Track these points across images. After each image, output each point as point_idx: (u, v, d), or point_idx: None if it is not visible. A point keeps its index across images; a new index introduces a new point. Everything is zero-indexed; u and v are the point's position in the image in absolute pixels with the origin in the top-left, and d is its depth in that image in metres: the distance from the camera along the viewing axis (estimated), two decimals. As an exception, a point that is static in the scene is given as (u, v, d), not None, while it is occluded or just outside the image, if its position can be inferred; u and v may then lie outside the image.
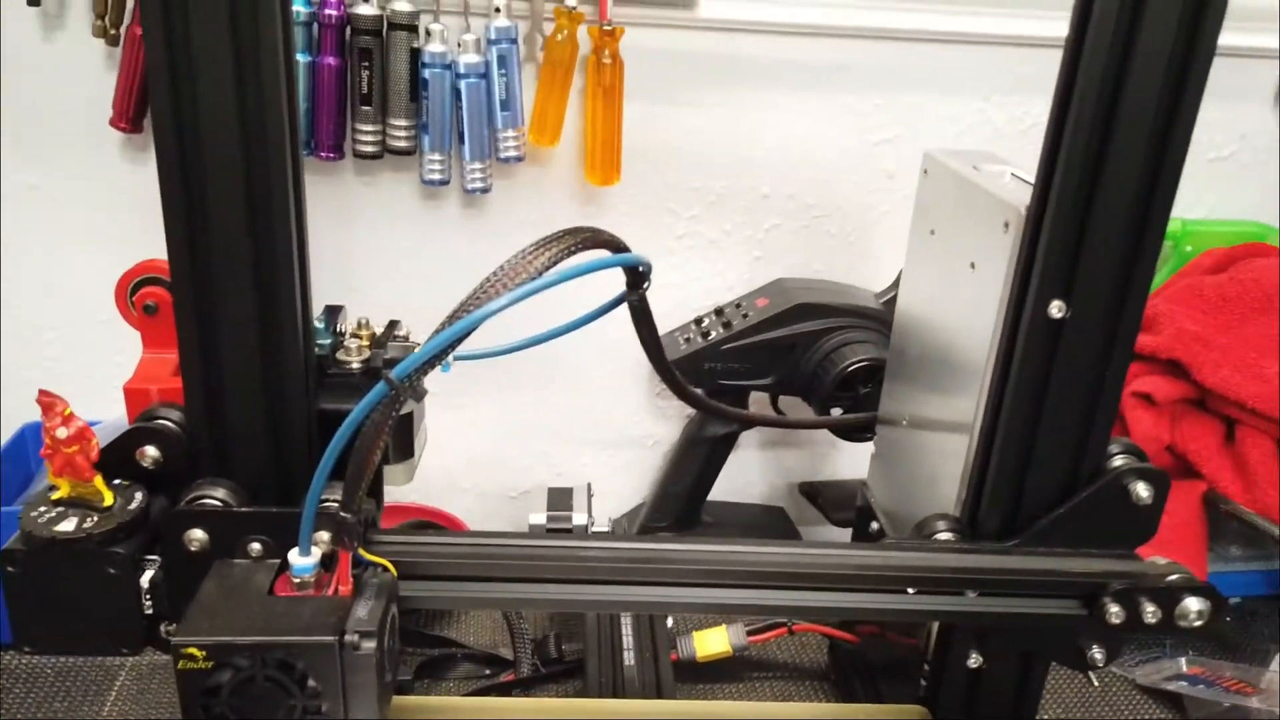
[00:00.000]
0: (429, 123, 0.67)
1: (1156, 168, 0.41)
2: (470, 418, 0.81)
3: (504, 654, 0.68)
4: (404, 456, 0.49)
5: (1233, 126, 0.79)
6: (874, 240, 0.79)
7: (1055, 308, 0.43)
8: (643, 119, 0.72)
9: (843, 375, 0.70)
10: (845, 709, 0.50)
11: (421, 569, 0.44)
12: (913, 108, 0.76)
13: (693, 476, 0.79)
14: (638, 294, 0.44)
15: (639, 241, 0.76)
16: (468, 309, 0.36)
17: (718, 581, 0.45)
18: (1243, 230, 0.80)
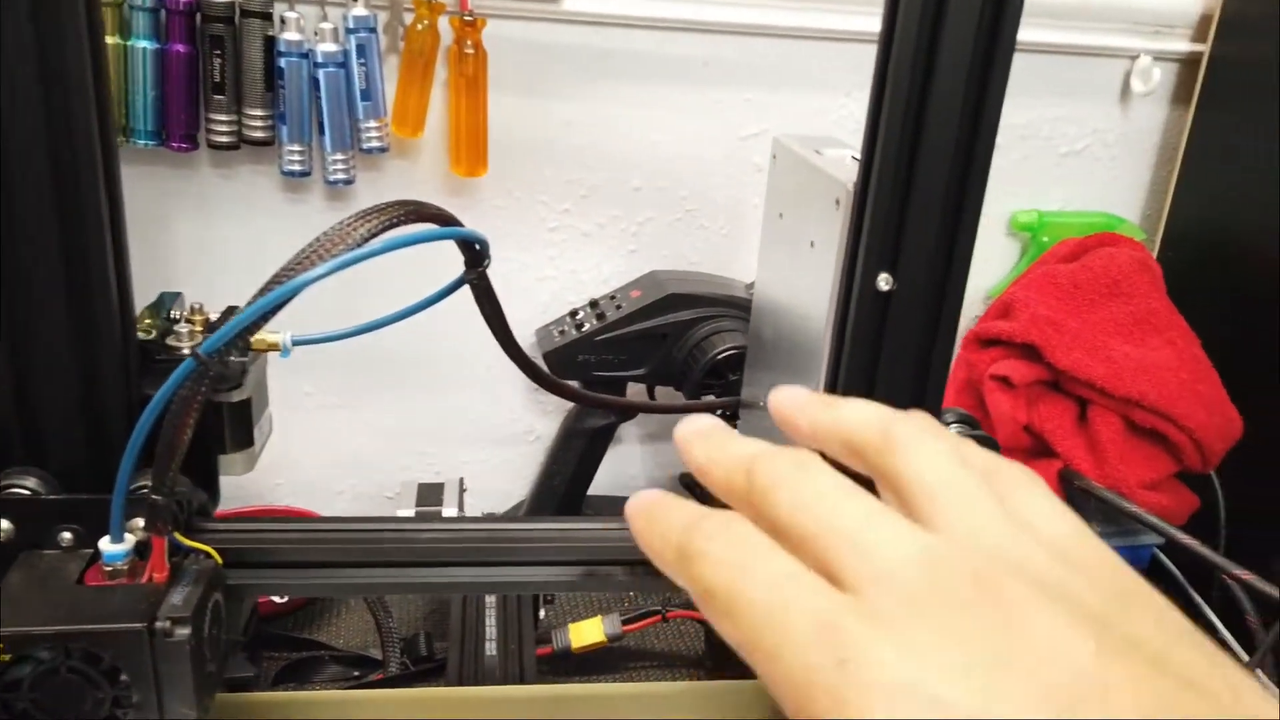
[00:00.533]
0: (287, 113, 0.66)
1: (970, 146, 0.42)
2: (344, 418, 0.80)
3: (374, 654, 0.67)
4: (242, 445, 0.47)
5: (1084, 122, 0.83)
6: (745, 232, 0.81)
7: (883, 280, 0.44)
8: (511, 111, 0.72)
9: (712, 363, 0.71)
10: (708, 685, 0.50)
11: (255, 556, 0.43)
12: (780, 103, 0.77)
13: (572, 469, 0.79)
14: (477, 273, 0.44)
15: (511, 234, 0.77)
16: (281, 279, 0.35)
17: (562, 559, 0.44)
18: (1095, 221, 0.84)
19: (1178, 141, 0.83)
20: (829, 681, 0.20)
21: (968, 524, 0.23)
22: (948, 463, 0.24)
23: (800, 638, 0.21)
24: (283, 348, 0.46)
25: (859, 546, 0.22)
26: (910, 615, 0.20)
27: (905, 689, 0.19)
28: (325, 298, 0.73)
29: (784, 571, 0.22)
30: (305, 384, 0.78)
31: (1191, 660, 0.21)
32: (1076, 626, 0.20)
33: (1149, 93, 0.82)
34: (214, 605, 0.39)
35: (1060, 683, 0.19)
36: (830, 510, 0.23)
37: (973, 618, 0.20)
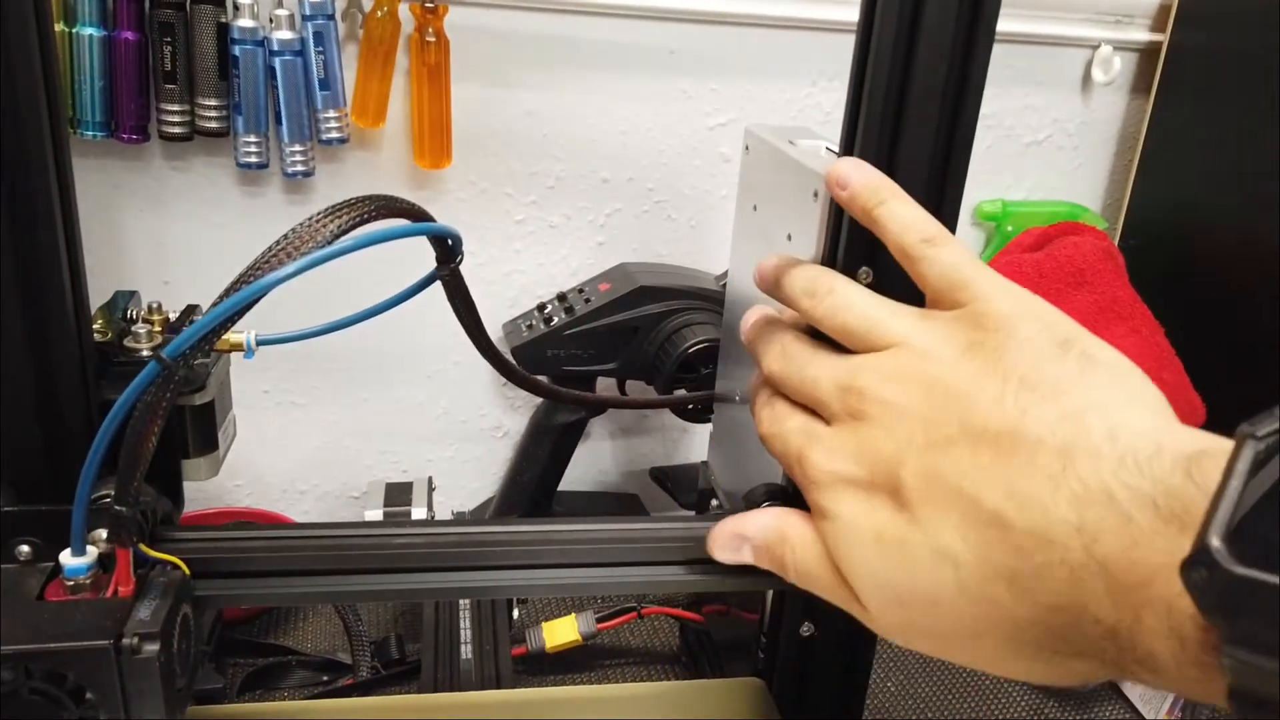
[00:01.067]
0: (242, 103, 0.64)
1: (950, 135, 0.42)
2: (307, 416, 0.78)
3: (342, 659, 0.65)
4: (206, 449, 0.46)
5: (1046, 111, 0.84)
6: (714, 224, 0.80)
7: (863, 274, 0.43)
8: (474, 101, 0.70)
9: (684, 356, 0.70)
10: (678, 686, 0.50)
11: (223, 565, 0.41)
12: (747, 92, 0.77)
13: (541, 466, 0.77)
14: (449, 269, 0.43)
15: (477, 226, 0.75)
16: (248, 279, 0.34)
17: (536, 562, 0.43)
18: (1059, 210, 0.85)
19: (1138, 131, 0.84)
20: (802, 486, 0.36)
21: (863, 343, 0.36)
22: (844, 310, 0.37)
23: (794, 466, 0.37)
24: (247, 348, 0.44)
25: (818, 401, 0.36)
26: (834, 431, 0.35)
27: (830, 479, 0.34)
28: (289, 295, 0.71)
29: (789, 427, 0.37)
30: (264, 383, 0.75)
31: (1025, 379, 0.31)
32: (922, 395, 0.33)
33: (1109, 82, 0.83)
34: (183, 618, 0.37)
35: (903, 434, 0.33)
36: (799, 385, 0.37)
37: (861, 420, 0.34)
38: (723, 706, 0.48)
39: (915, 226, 0.37)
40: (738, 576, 0.44)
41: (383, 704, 0.47)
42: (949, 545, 0.30)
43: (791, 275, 0.40)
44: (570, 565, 0.44)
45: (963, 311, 0.34)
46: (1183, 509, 0.25)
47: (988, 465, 0.30)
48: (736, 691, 0.49)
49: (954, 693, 0.67)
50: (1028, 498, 0.28)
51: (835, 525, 0.34)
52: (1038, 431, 0.29)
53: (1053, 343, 0.31)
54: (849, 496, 0.34)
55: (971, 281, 0.34)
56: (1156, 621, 0.25)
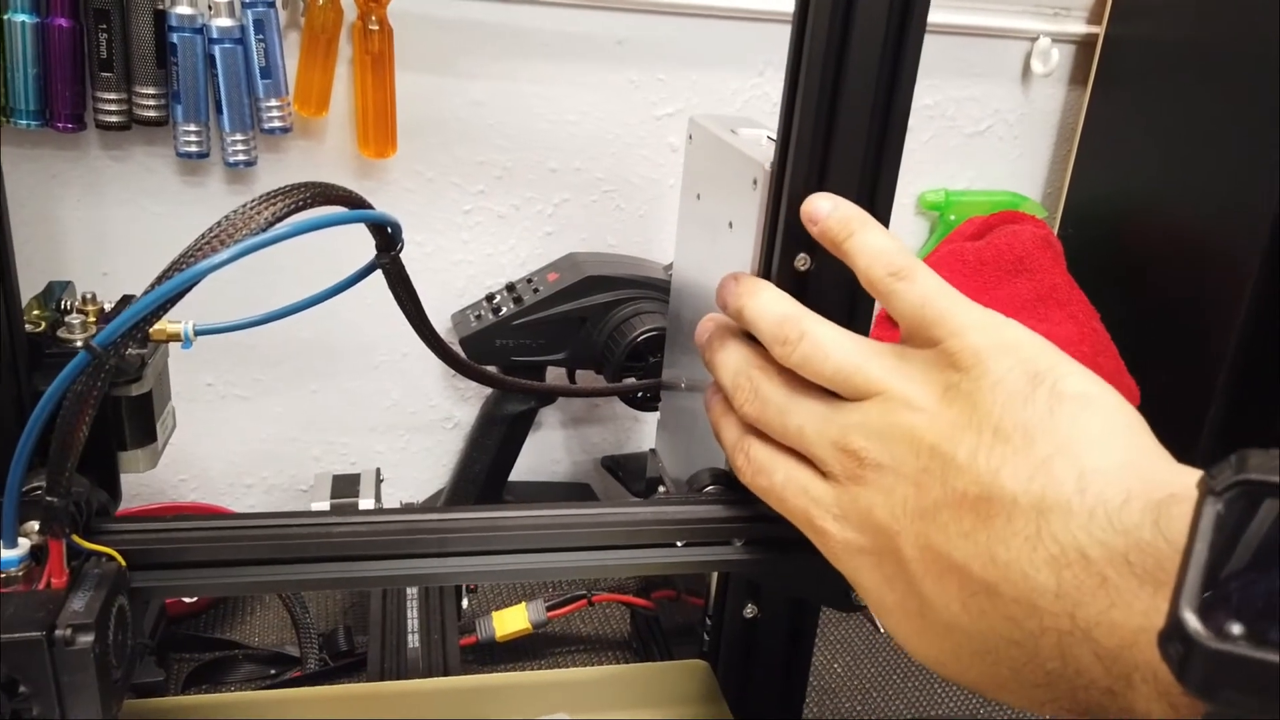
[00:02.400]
0: (181, 91, 0.63)
1: (884, 122, 0.42)
2: (252, 409, 0.77)
3: (290, 651, 0.65)
4: (144, 441, 0.45)
5: (987, 103, 0.85)
6: (663, 214, 0.80)
7: (801, 260, 0.44)
8: (420, 90, 0.70)
9: (632, 345, 0.71)
10: (622, 669, 0.50)
11: (161, 556, 0.41)
12: (694, 83, 0.77)
13: (491, 456, 0.77)
14: (389, 257, 0.43)
15: (424, 217, 0.75)
16: (181, 266, 0.33)
17: (483, 549, 0.44)
18: (999, 199, 0.86)
19: (1076, 121, 0.86)
20: (821, 550, 0.37)
21: (864, 393, 0.35)
22: (819, 361, 0.36)
23: (801, 526, 0.37)
24: (184, 338, 0.44)
25: (808, 454, 0.36)
26: (837, 496, 0.35)
27: (842, 547, 0.35)
28: (229, 285, 0.70)
29: (780, 482, 0.37)
30: (206, 375, 0.74)
31: (1000, 428, 0.31)
32: (911, 455, 0.33)
33: (1048, 74, 0.84)
34: (118, 610, 0.37)
35: (897, 500, 0.33)
36: (782, 434, 0.37)
37: (860, 484, 0.34)
38: (667, 689, 0.49)
39: (882, 259, 0.36)
40: (684, 558, 0.45)
41: (323, 694, 0.47)
42: (955, 617, 0.30)
43: (758, 311, 0.39)
44: (518, 551, 0.44)
45: (936, 351, 0.33)
46: (1155, 565, 0.25)
47: (971, 531, 0.29)
48: (681, 673, 0.50)
49: (900, 673, 0.68)
50: (1010, 564, 0.28)
51: (867, 597, 0.35)
52: (1012, 489, 0.29)
53: (1024, 379, 0.31)
54: (866, 567, 0.34)
55: (941, 318, 0.34)
56: (1146, 686, 0.25)
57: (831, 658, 0.69)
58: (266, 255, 0.75)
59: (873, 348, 0.36)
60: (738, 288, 0.40)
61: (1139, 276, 0.82)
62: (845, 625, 0.72)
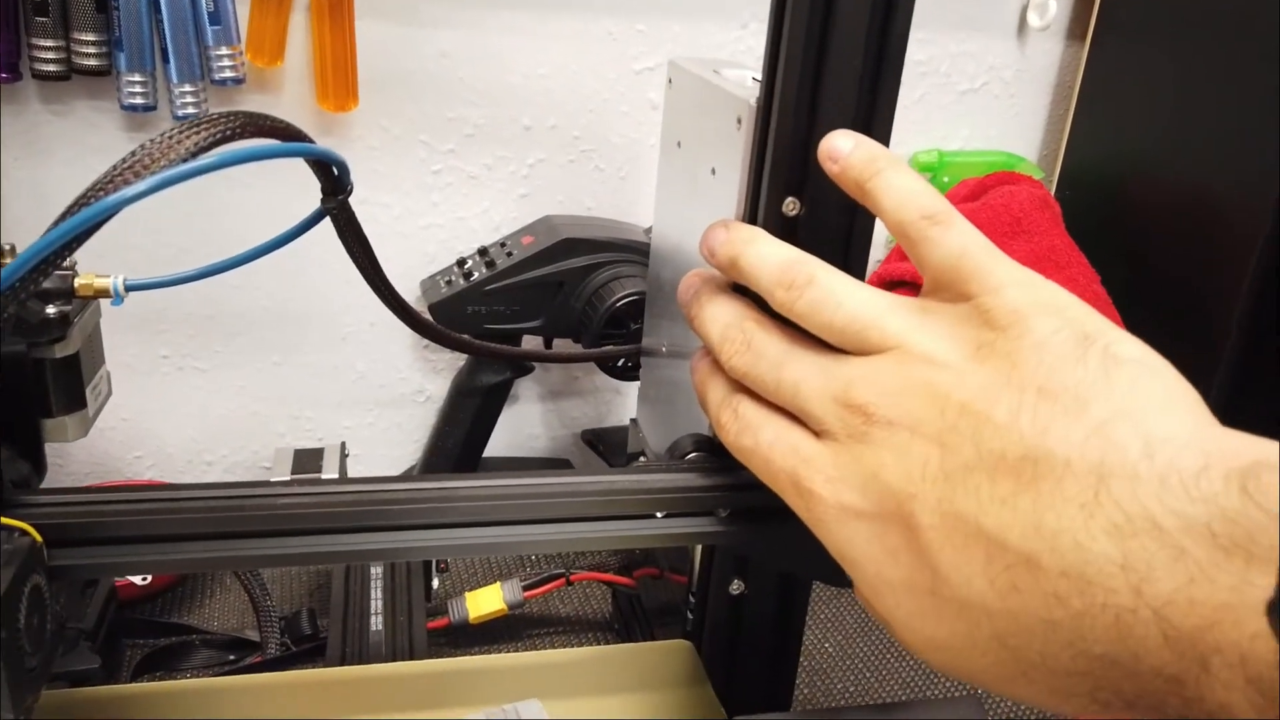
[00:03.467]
0: (123, 38, 0.59)
1: (880, 51, 0.39)
2: (211, 382, 0.73)
3: (250, 636, 0.61)
4: (72, 407, 0.41)
5: (982, 58, 0.82)
6: (645, 174, 0.77)
7: (789, 204, 0.40)
8: (383, 40, 0.66)
9: (611, 311, 0.67)
10: (601, 651, 0.47)
11: (88, 531, 0.37)
12: (675, 35, 0.73)
13: (465, 430, 0.74)
14: (336, 201, 0.39)
15: (390, 177, 0.71)
16: (88, 200, 0.29)
17: (451, 521, 0.40)
18: (994, 160, 0.83)
19: (1074, 78, 0.83)
20: (807, 519, 0.32)
21: (874, 348, 0.31)
22: (829, 310, 0.32)
23: (785, 493, 0.33)
24: (114, 293, 0.40)
25: (802, 411, 0.32)
26: (835, 454, 0.31)
27: (836, 512, 0.30)
28: (167, 243, 0.66)
29: (768, 441, 0.33)
30: (161, 346, 0.70)
31: (1043, 388, 0.27)
32: (932, 413, 0.28)
33: (1045, 27, 0.81)
34: (32, 590, 0.33)
35: (916, 461, 0.28)
36: (775, 389, 0.32)
37: (864, 443, 0.30)
38: (647, 671, 0.46)
39: (916, 201, 0.32)
40: (668, 529, 0.42)
41: (273, 680, 0.43)
42: (978, 595, 0.26)
43: (757, 258, 0.34)
44: (489, 524, 0.41)
45: (968, 306, 0.29)
46: (1246, 536, 0.22)
47: (1009, 496, 0.26)
48: (662, 654, 0.47)
49: (894, 653, 0.65)
50: (1058, 533, 0.24)
51: (858, 572, 0.30)
52: (1064, 452, 0.25)
53: (1072, 341, 0.27)
54: (863, 535, 0.29)
55: (980, 270, 0.30)
56: (1228, 671, 0.22)
57: (823, 636, 0.66)
58: (213, 212, 0.71)
59: (889, 299, 0.31)
60: (729, 235, 0.36)
61: (1139, 239, 0.78)
62: (837, 602, 0.69)
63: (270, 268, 0.52)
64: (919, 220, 0.31)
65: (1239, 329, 0.70)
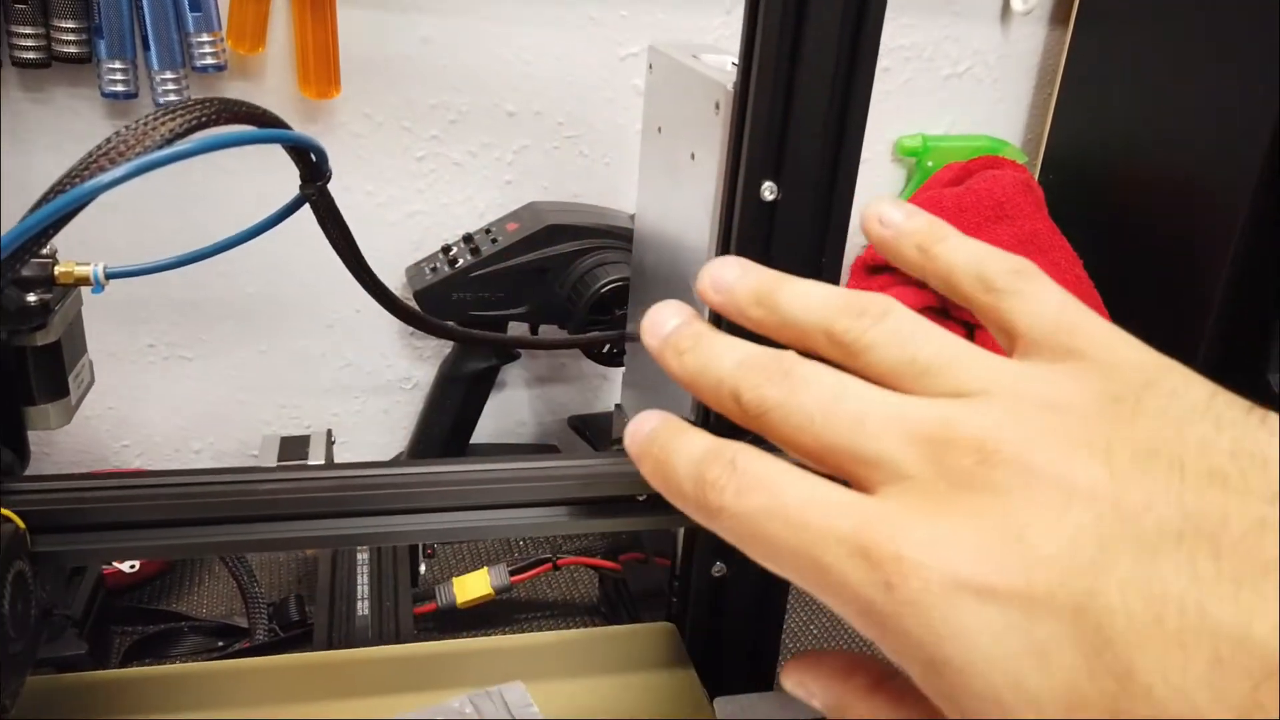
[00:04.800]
0: (104, 25, 0.58)
1: (856, 35, 0.39)
2: (197, 371, 0.73)
3: (239, 623, 0.62)
4: (54, 395, 0.41)
5: (966, 43, 0.82)
6: (628, 161, 0.77)
7: (767, 189, 0.41)
8: (365, 26, 0.66)
9: (597, 297, 0.67)
10: (584, 634, 0.47)
11: (72, 517, 0.37)
12: (659, 20, 0.73)
13: (452, 417, 0.74)
14: (315, 188, 0.39)
15: (374, 164, 0.71)
16: (65, 186, 0.30)
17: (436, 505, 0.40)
18: (978, 144, 0.83)
19: (1057, 63, 0.83)
20: (884, 608, 0.20)
21: (958, 384, 0.23)
22: (910, 335, 0.24)
23: (843, 571, 0.21)
24: (94, 281, 0.40)
25: (860, 456, 0.22)
26: (932, 511, 0.21)
27: (951, 590, 0.19)
28: (150, 230, 0.66)
29: (800, 501, 0.22)
30: (146, 335, 0.70)
31: (1211, 444, 0.20)
32: (1082, 459, 0.20)
33: (1028, 11, 0.81)
34: (16, 576, 0.34)
35: (1083, 526, 0.19)
36: (821, 427, 0.23)
37: (987, 494, 0.20)
38: (630, 653, 0.46)
39: (993, 257, 0.26)
40: (639, 515, 0.42)
41: (258, 665, 0.44)
42: (1197, 711, 0.18)
43: (803, 290, 0.26)
44: (474, 508, 0.41)
45: (1078, 363, 0.23)
46: None
47: (1217, 576, 0.18)
48: (646, 637, 0.47)
49: (876, 633, 0.66)
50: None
51: (974, 680, 0.19)
52: (1269, 515, 0.19)
53: (1206, 398, 0.22)
54: (991, 625, 0.19)
55: (1085, 324, 0.24)
56: None
57: (808, 619, 0.67)
58: (196, 199, 0.71)
59: (978, 348, 0.25)
60: (752, 273, 0.27)
61: (1122, 224, 0.79)
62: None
63: (255, 255, 0.52)
64: (1007, 273, 0.26)
65: (1219, 312, 0.71)
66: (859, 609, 0.21)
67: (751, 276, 0.27)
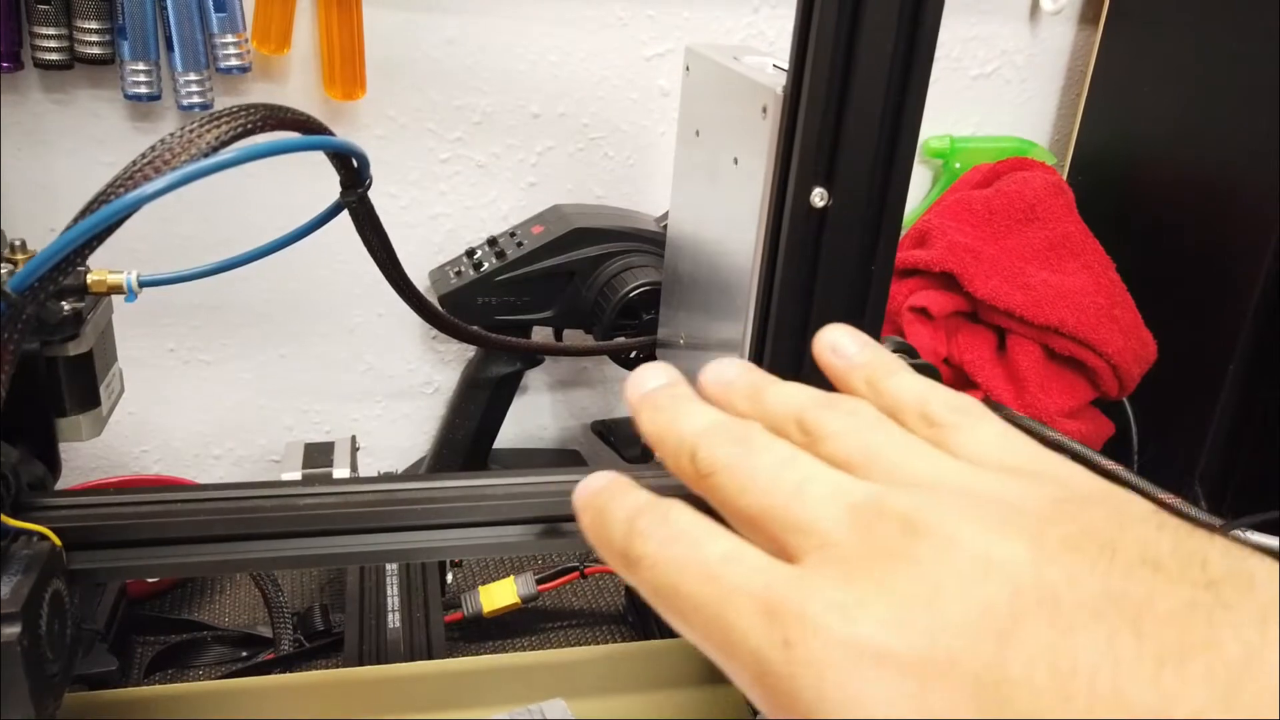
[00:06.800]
0: (127, 26, 0.57)
1: (912, 37, 0.38)
2: (218, 375, 0.72)
3: (262, 632, 0.61)
4: (86, 406, 0.40)
5: (994, 43, 0.80)
6: (654, 162, 0.76)
7: (817, 195, 0.40)
8: (390, 26, 0.65)
9: (624, 302, 0.66)
10: (624, 649, 0.46)
11: (105, 534, 0.36)
12: (685, 20, 0.72)
13: (475, 422, 0.73)
14: (356, 195, 0.38)
15: (398, 166, 0.70)
16: (109, 197, 0.29)
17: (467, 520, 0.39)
18: (1006, 146, 0.82)
19: (1086, 63, 0.82)
20: (779, 668, 0.19)
21: (902, 471, 0.23)
22: (871, 429, 0.24)
23: (744, 626, 0.20)
24: (128, 290, 0.39)
25: (795, 522, 0.22)
26: (847, 577, 0.20)
27: (851, 654, 0.19)
28: (183, 237, 0.65)
29: (720, 555, 0.21)
30: (168, 340, 0.69)
31: (1151, 540, 0.19)
32: (1009, 536, 0.19)
33: (1058, 11, 0.80)
34: (53, 595, 0.33)
35: (996, 599, 0.18)
36: (765, 489, 0.23)
37: (906, 562, 0.20)
38: (669, 668, 0.45)
39: (937, 392, 0.27)
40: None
41: (296, 682, 0.43)
42: None
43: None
44: (509, 522, 0.40)
45: (1026, 476, 0.23)
46: None
47: (1138, 655, 0.17)
48: (686, 651, 0.46)
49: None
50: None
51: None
52: (1201, 599, 0.18)
53: (1152, 511, 0.21)
54: (888, 690, 0.18)
55: (1031, 448, 0.25)
56: None
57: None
58: (231, 207, 0.70)
59: (942, 450, 0.26)
60: (756, 376, 0.28)
61: (1153, 226, 0.78)
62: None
63: (276, 258, 0.51)
64: (947, 409, 0.26)
65: (1254, 315, 0.70)
66: (754, 671, 0.20)
67: (749, 376, 0.28)
